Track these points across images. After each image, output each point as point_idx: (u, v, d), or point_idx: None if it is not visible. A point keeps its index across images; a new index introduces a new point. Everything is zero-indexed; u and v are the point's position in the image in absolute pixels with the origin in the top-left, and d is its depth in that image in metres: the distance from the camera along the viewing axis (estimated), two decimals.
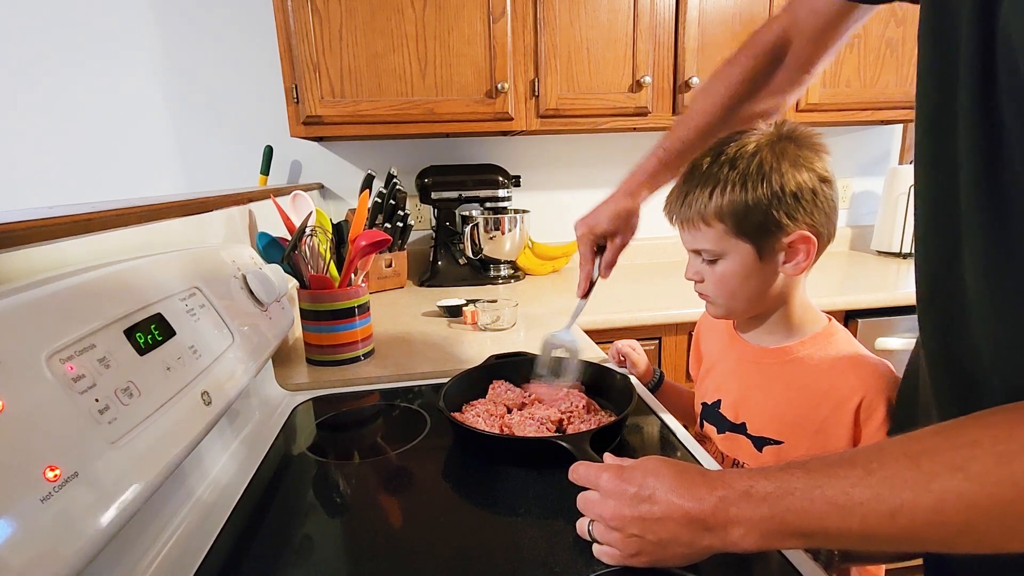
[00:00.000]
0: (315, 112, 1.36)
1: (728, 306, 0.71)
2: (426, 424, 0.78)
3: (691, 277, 0.72)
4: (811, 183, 0.63)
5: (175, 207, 0.77)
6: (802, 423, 0.67)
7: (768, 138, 0.65)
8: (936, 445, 0.34)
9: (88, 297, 0.47)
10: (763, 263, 0.66)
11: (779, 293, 0.69)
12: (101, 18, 1.57)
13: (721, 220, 0.65)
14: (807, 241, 0.64)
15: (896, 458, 0.35)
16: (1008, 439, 0.32)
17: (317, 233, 0.97)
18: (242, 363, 0.67)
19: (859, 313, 1.36)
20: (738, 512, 0.39)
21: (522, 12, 1.40)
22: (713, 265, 0.68)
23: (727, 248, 0.66)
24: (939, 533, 0.33)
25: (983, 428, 0.33)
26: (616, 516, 0.44)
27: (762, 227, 0.64)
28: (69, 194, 1.65)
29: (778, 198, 0.63)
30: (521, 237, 1.64)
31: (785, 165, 0.63)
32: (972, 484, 0.31)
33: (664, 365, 1.35)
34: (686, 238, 0.70)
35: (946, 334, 0.46)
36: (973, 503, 0.31)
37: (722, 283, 0.68)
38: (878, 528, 0.34)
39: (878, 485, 0.34)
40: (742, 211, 0.63)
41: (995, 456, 0.31)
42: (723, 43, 1.49)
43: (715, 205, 0.65)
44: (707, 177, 0.66)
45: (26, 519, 0.33)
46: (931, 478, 0.33)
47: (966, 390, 0.42)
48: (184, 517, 0.57)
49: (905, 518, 0.33)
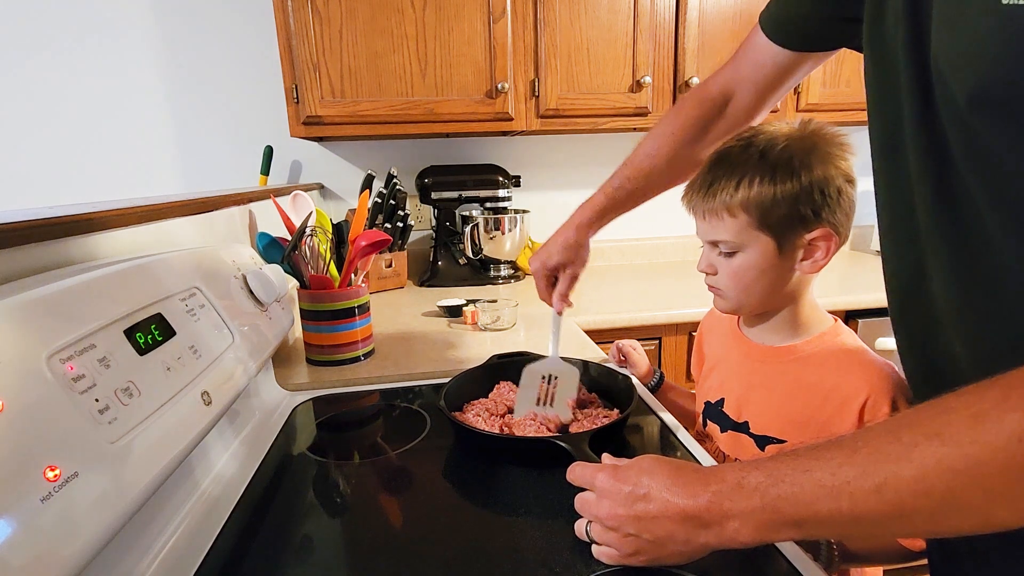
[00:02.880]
0: (315, 112, 1.36)
1: (740, 300, 0.70)
2: (426, 424, 0.78)
3: (704, 269, 0.71)
4: (837, 181, 0.63)
5: (175, 207, 0.77)
6: (805, 422, 0.67)
7: (797, 132, 0.64)
8: (915, 417, 0.35)
9: (88, 297, 0.47)
10: (781, 258, 0.65)
11: (791, 291, 0.68)
12: (101, 18, 1.57)
13: (746, 211, 0.64)
14: (828, 239, 0.64)
15: (879, 435, 0.36)
16: (980, 401, 0.32)
17: (317, 233, 0.97)
18: (242, 363, 0.67)
19: (859, 313, 1.36)
20: (732, 505, 0.39)
21: (522, 12, 1.40)
22: (730, 258, 0.67)
23: (747, 241, 0.65)
24: (925, 503, 0.33)
25: (957, 396, 0.34)
26: (612, 516, 0.44)
27: (786, 221, 0.63)
28: (69, 194, 1.65)
29: (807, 193, 0.62)
30: (521, 237, 1.64)
31: (815, 160, 0.62)
32: (949, 447, 0.32)
33: (664, 365, 1.35)
34: (704, 228, 0.69)
35: (922, 344, 0.48)
36: (952, 467, 0.32)
37: (737, 276, 0.67)
38: (866, 506, 0.34)
39: (863, 462, 0.35)
40: (769, 203, 0.62)
41: (969, 418, 0.32)
42: (723, 43, 1.50)
43: (742, 195, 0.63)
44: (735, 166, 0.64)
45: (26, 519, 0.33)
46: (911, 448, 0.33)
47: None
48: (184, 517, 0.57)
49: (890, 491, 0.33)
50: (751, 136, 0.66)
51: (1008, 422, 0.30)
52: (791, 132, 0.65)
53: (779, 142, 0.64)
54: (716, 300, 0.73)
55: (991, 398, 0.32)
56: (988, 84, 0.34)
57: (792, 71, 0.68)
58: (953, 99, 0.37)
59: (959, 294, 0.41)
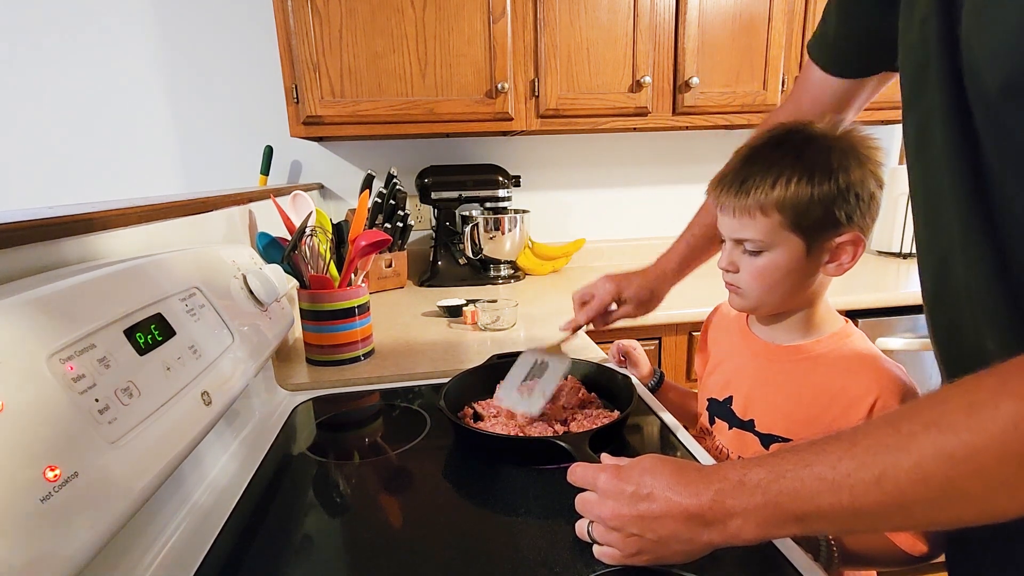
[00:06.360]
0: (315, 112, 1.36)
1: (760, 300, 0.68)
2: (426, 424, 0.78)
3: (725, 267, 0.70)
4: (871, 186, 0.62)
5: (175, 207, 0.77)
6: (812, 422, 0.66)
7: (832, 132, 0.63)
8: (914, 408, 0.35)
9: (88, 297, 0.47)
10: (808, 260, 0.64)
11: (811, 292, 0.68)
12: (100, 17, 1.57)
13: (780, 211, 0.62)
14: (857, 243, 0.63)
15: (878, 427, 0.36)
16: (976, 389, 0.32)
17: (317, 233, 0.97)
18: (242, 363, 0.67)
19: (859, 313, 1.36)
20: (734, 503, 0.39)
21: (522, 12, 1.40)
22: (754, 256, 0.66)
23: (777, 241, 0.64)
24: (924, 493, 0.33)
25: (955, 386, 0.34)
26: (615, 516, 0.44)
27: (820, 223, 0.62)
28: (69, 194, 1.65)
29: (843, 196, 0.61)
30: (521, 237, 1.64)
31: (852, 163, 0.61)
32: (946, 436, 0.32)
33: (664, 365, 1.35)
34: (731, 225, 0.66)
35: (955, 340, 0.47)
36: (950, 455, 0.32)
37: (762, 276, 0.66)
38: (867, 498, 0.35)
39: (863, 454, 0.35)
40: (804, 205, 0.61)
41: (965, 406, 0.32)
42: (723, 43, 1.50)
43: (777, 195, 0.61)
44: (770, 164, 0.63)
45: (26, 519, 0.33)
46: (910, 438, 0.33)
47: None
48: (184, 517, 0.57)
49: (890, 482, 0.34)
50: (784, 133, 0.64)
51: (1004, 409, 0.30)
52: (826, 132, 0.63)
53: (815, 142, 0.62)
54: (733, 298, 0.71)
55: (987, 386, 0.32)
56: (1020, 74, 0.34)
57: (851, 99, 0.68)
58: (985, 90, 0.37)
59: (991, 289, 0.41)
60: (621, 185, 1.89)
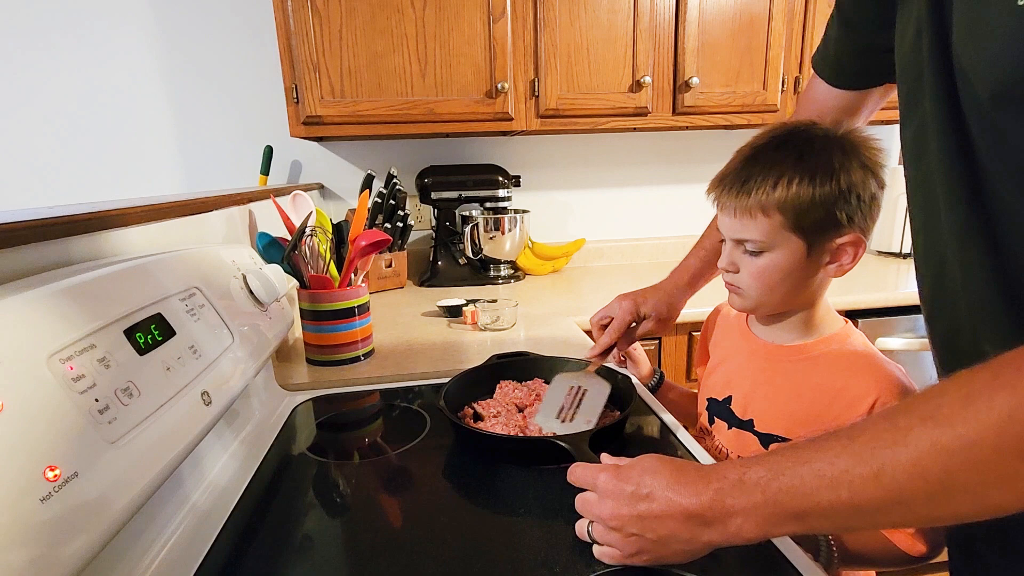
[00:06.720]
0: (315, 112, 1.36)
1: (760, 300, 0.68)
2: (426, 424, 0.78)
3: (725, 267, 0.69)
4: (872, 187, 0.62)
5: (175, 207, 0.77)
6: (812, 422, 0.66)
7: (834, 133, 0.63)
8: (910, 403, 0.35)
9: (88, 297, 0.47)
10: (808, 261, 0.64)
11: (811, 292, 0.68)
12: (100, 16, 1.57)
13: (781, 212, 0.62)
14: (857, 245, 0.63)
15: (875, 423, 0.36)
16: (971, 382, 0.33)
17: (317, 233, 0.97)
18: (242, 363, 0.67)
19: (859, 313, 1.36)
20: (734, 502, 0.39)
21: (522, 12, 1.40)
22: (755, 256, 0.66)
23: (778, 242, 0.63)
24: (922, 487, 0.33)
25: (951, 380, 0.34)
26: (615, 516, 0.44)
27: (821, 225, 0.62)
28: (69, 194, 1.65)
29: (844, 198, 0.60)
30: (521, 237, 1.64)
31: (855, 165, 0.61)
32: (942, 428, 0.32)
33: (664, 365, 1.35)
34: (732, 226, 0.66)
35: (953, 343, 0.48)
36: (946, 448, 0.32)
37: (762, 276, 0.66)
38: (865, 493, 0.35)
39: (860, 450, 0.35)
40: (805, 205, 0.61)
41: (961, 399, 0.32)
42: (723, 43, 1.50)
43: (778, 196, 0.61)
44: (772, 164, 0.62)
45: (26, 519, 0.33)
46: (906, 432, 0.34)
47: None
48: (184, 517, 0.57)
49: (888, 477, 0.34)
50: (786, 134, 0.64)
51: (999, 401, 0.31)
52: (828, 133, 0.63)
53: (817, 142, 0.62)
54: (733, 298, 0.71)
55: (982, 379, 0.32)
56: (1010, 83, 0.35)
57: (857, 110, 0.69)
58: (977, 98, 0.38)
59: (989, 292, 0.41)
60: (621, 185, 1.89)
